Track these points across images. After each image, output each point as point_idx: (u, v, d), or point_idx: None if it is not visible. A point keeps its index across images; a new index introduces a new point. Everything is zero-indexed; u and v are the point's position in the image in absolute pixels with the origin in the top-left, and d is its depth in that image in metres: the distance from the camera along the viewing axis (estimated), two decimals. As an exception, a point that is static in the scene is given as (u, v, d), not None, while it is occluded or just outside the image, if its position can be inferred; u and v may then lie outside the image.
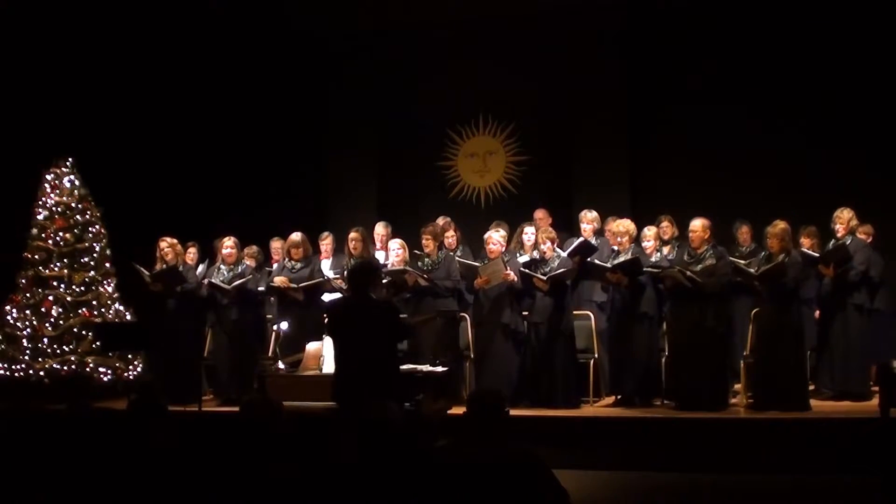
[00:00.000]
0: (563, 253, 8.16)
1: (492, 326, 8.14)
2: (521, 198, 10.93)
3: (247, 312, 8.78)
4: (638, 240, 8.13)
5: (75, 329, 9.49)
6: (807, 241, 8.39)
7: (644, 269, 7.85)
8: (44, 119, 10.48)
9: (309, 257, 8.68)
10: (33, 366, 9.32)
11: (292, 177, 11.34)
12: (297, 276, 8.52)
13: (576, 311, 8.30)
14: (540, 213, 9.33)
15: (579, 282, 8.47)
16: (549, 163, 11.03)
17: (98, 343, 9.06)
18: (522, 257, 8.47)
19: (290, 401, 5.87)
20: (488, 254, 8.18)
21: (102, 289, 9.75)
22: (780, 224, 7.64)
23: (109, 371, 9.41)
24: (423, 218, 9.45)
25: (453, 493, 3.38)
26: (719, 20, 10.28)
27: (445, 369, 7.10)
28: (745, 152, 10.10)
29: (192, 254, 9.28)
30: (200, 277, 8.92)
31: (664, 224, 8.41)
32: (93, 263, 9.77)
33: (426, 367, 6.94)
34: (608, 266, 7.93)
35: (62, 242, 9.70)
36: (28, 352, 9.38)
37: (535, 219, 9.17)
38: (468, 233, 9.30)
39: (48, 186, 9.85)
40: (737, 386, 8.07)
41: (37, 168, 9.93)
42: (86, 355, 9.39)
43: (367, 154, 11.43)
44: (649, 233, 8.14)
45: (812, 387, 8.05)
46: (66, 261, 9.67)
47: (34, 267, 9.65)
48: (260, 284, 8.88)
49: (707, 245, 7.70)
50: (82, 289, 9.64)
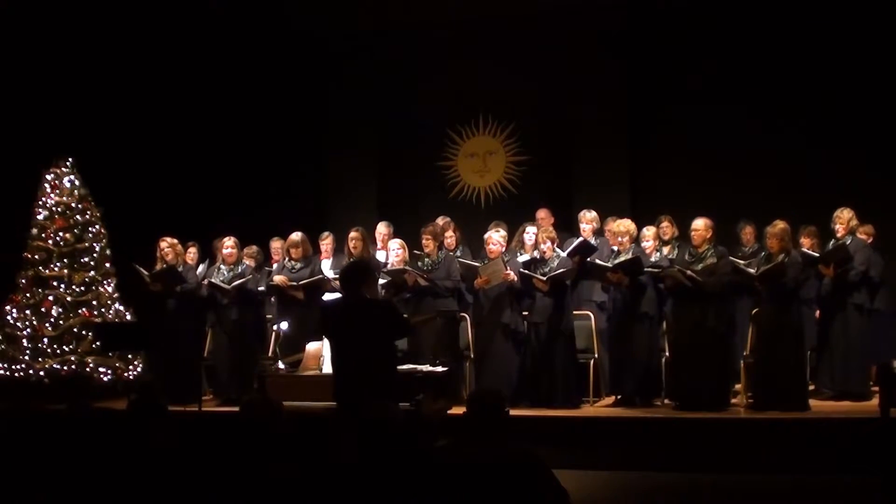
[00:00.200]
0: (562, 253, 8.17)
1: (492, 326, 8.14)
2: (521, 198, 10.92)
3: (247, 312, 8.78)
4: (637, 240, 8.13)
5: (75, 329, 9.50)
6: (807, 241, 8.39)
7: (644, 268, 7.85)
8: (44, 119, 10.49)
9: (309, 257, 8.67)
10: (33, 366, 9.33)
11: (292, 177, 11.34)
12: (296, 275, 8.52)
13: (576, 311, 8.30)
14: (542, 213, 9.33)
15: (579, 282, 8.47)
16: (549, 163, 11.03)
17: (98, 343, 9.07)
18: (522, 257, 8.47)
19: (290, 401, 5.87)
20: (488, 254, 8.18)
21: (102, 289, 9.75)
22: (780, 224, 7.64)
23: (109, 371, 9.41)
24: (423, 218, 9.44)
25: (453, 493, 3.38)
26: (719, 20, 10.27)
27: (445, 369, 7.10)
28: (745, 152, 10.09)
29: (192, 254, 9.28)
30: (200, 277, 8.92)
31: (664, 224, 8.41)
32: (93, 263, 9.78)
33: (426, 367, 6.94)
34: (609, 266, 7.93)
35: (62, 242, 9.70)
36: (28, 352, 9.39)
37: (538, 218, 9.17)
38: (468, 233, 9.30)
39: (48, 186, 9.85)
40: (737, 386, 8.06)
41: (37, 168, 9.93)
42: (86, 355, 9.39)
43: (367, 154, 11.42)
44: (648, 233, 8.14)
45: (812, 387, 8.05)
46: (66, 261, 9.68)
47: (34, 267, 9.65)
48: (260, 284, 8.88)
49: (708, 244, 7.70)
50: (82, 289, 9.65)
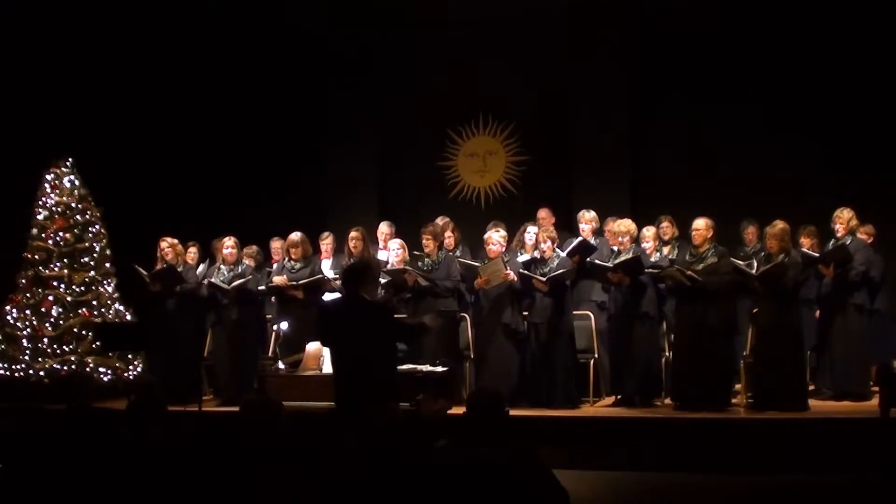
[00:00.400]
0: (562, 253, 8.16)
1: (492, 326, 8.14)
2: (521, 198, 10.92)
3: (247, 312, 8.77)
4: (637, 240, 8.12)
5: (75, 329, 9.51)
6: (807, 241, 8.38)
7: (645, 268, 7.85)
8: (44, 119, 10.49)
9: (309, 257, 8.67)
10: (33, 366, 9.33)
11: (292, 177, 11.33)
12: (296, 275, 8.51)
13: (576, 311, 8.30)
14: (543, 213, 9.31)
15: (579, 281, 8.47)
16: (549, 163, 11.02)
17: (98, 343, 9.07)
18: (523, 257, 8.47)
19: (290, 401, 5.88)
20: (488, 254, 8.17)
21: (102, 289, 9.76)
22: (780, 224, 7.63)
23: (109, 371, 9.42)
24: (423, 218, 9.43)
25: (453, 493, 3.38)
26: (720, 20, 10.26)
27: (445, 369, 7.11)
28: (746, 152, 10.08)
29: (192, 254, 9.27)
30: (200, 277, 8.92)
31: (664, 224, 8.41)
32: (93, 263, 9.78)
33: (426, 367, 6.95)
34: (609, 265, 7.92)
35: (62, 242, 9.71)
36: (28, 352, 9.40)
37: (539, 218, 9.16)
38: (468, 233, 9.28)
39: (48, 186, 9.86)
40: (737, 386, 8.06)
41: (37, 168, 9.93)
42: (86, 355, 9.40)
43: (367, 154, 11.42)
44: (648, 233, 8.14)
45: (812, 387, 8.05)
46: (66, 261, 9.68)
47: (34, 267, 9.66)
48: (260, 284, 8.87)
49: (709, 244, 7.70)
50: (82, 289, 9.65)
